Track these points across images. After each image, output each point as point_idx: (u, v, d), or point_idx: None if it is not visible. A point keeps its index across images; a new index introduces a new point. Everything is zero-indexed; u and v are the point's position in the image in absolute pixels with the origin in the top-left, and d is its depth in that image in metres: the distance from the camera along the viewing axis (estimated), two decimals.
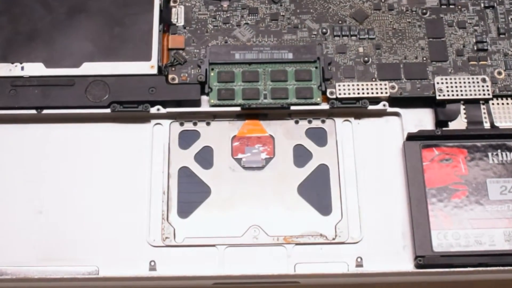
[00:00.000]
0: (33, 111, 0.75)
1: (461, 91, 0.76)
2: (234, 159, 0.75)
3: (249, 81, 0.77)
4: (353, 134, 0.76)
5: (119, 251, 0.71)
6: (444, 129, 0.75)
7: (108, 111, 0.75)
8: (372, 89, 0.76)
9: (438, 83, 0.77)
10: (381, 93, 0.76)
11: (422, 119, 0.76)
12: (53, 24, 0.79)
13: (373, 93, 0.76)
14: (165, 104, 0.76)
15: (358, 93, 0.76)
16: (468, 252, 0.69)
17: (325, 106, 0.76)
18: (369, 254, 0.71)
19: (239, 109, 0.76)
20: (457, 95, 0.76)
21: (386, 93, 0.76)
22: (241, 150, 0.75)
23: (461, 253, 0.69)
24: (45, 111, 0.75)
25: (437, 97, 0.76)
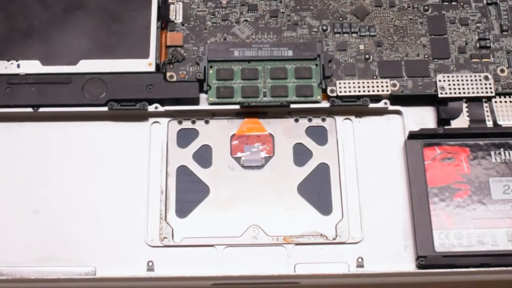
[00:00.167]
0: (29, 109, 0.75)
1: (464, 89, 0.76)
2: (233, 158, 0.75)
3: (249, 79, 0.77)
4: (353, 132, 0.75)
5: (116, 251, 0.71)
6: (446, 127, 0.75)
7: (105, 109, 0.75)
8: (373, 87, 0.76)
9: (440, 80, 0.76)
10: (382, 91, 0.76)
11: (423, 117, 0.76)
12: (49, 21, 0.79)
13: (374, 91, 0.76)
14: (163, 102, 0.76)
15: (359, 91, 0.76)
16: (470, 252, 0.68)
17: (325, 104, 0.76)
18: (370, 254, 0.71)
19: (238, 107, 0.76)
20: (459, 93, 0.76)
21: (387, 91, 0.76)
22: (240, 149, 0.75)
23: (464, 253, 0.68)
24: (42, 109, 0.75)
25: (439, 95, 0.76)
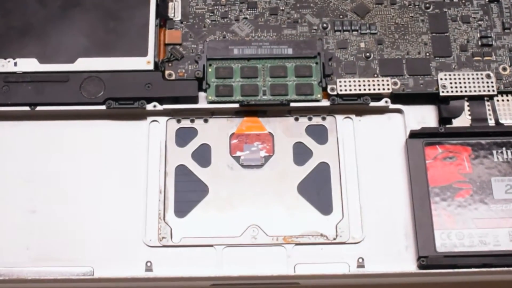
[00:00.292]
0: (26, 108, 0.75)
1: (465, 87, 0.76)
2: (232, 157, 0.74)
3: (248, 77, 0.76)
4: (354, 131, 0.75)
5: (114, 251, 0.70)
6: (447, 126, 0.75)
7: (103, 107, 0.75)
8: (373, 85, 0.76)
9: (441, 79, 0.76)
10: (383, 89, 0.76)
11: (425, 116, 0.76)
12: (47, 18, 0.78)
13: (374, 89, 0.76)
14: (161, 100, 0.75)
15: (359, 90, 0.76)
16: (472, 252, 0.68)
17: (325, 102, 0.76)
18: (370, 254, 0.70)
19: (237, 105, 0.76)
20: (461, 91, 0.76)
21: (388, 89, 0.76)
22: (239, 148, 0.75)
23: (465, 253, 0.68)
24: (39, 108, 0.75)
25: (441, 94, 0.76)
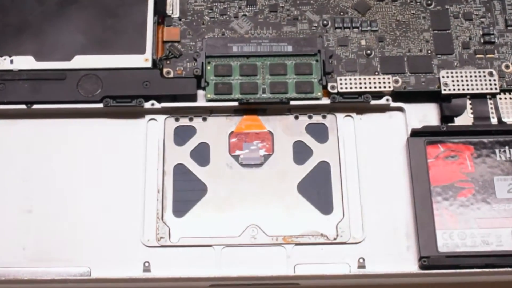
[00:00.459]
0: (23, 106, 0.75)
1: (467, 85, 0.75)
2: (231, 156, 0.74)
3: (247, 75, 0.76)
4: (355, 130, 0.75)
5: (112, 252, 0.70)
6: (449, 124, 0.75)
7: (100, 106, 0.75)
8: (374, 83, 0.76)
9: (443, 77, 0.76)
10: (384, 87, 0.76)
11: (426, 115, 0.76)
12: (43, 15, 0.78)
13: (375, 87, 0.76)
14: (159, 98, 0.75)
15: (360, 88, 0.75)
16: (474, 252, 0.68)
17: (326, 101, 0.76)
18: (371, 254, 0.70)
19: (236, 104, 0.75)
20: (463, 89, 0.75)
21: (389, 87, 0.76)
22: (238, 146, 0.74)
23: (467, 253, 0.68)
24: (35, 106, 0.75)
25: (443, 92, 0.75)
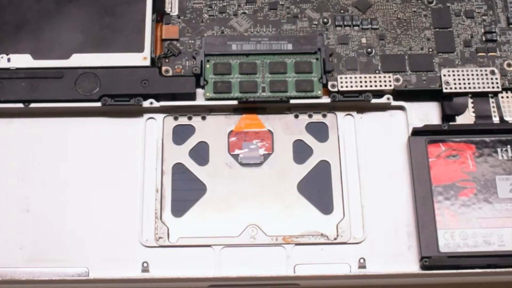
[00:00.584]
0: (20, 105, 0.75)
1: (469, 83, 0.75)
2: (230, 155, 0.74)
3: (247, 73, 0.76)
4: (355, 129, 0.75)
5: (110, 252, 0.70)
6: (451, 123, 0.74)
7: (98, 104, 0.75)
8: (375, 81, 0.75)
9: (444, 75, 0.76)
10: (385, 86, 0.75)
11: (428, 113, 0.76)
12: (41, 13, 0.78)
13: (376, 86, 0.75)
14: (158, 97, 0.75)
15: (360, 86, 0.75)
16: (476, 252, 0.68)
17: (326, 99, 0.75)
18: (372, 254, 0.70)
19: (236, 102, 0.75)
20: (465, 88, 0.75)
21: (390, 86, 0.75)
22: (238, 145, 0.74)
23: (469, 253, 0.68)
24: (33, 105, 0.75)
25: (444, 90, 0.75)
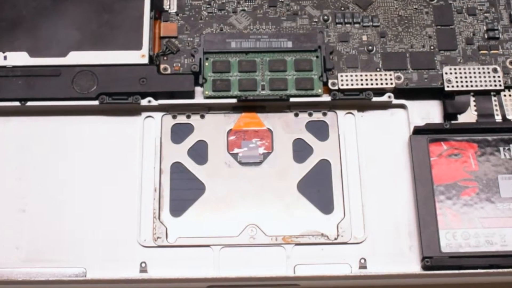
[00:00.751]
0: (17, 103, 0.74)
1: (471, 82, 0.75)
2: (230, 154, 0.74)
3: (246, 71, 0.76)
4: (356, 127, 0.75)
5: (108, 252, 0.70)
6: (452, 122, 0.74)
7: (96, 103, 0.74)
8: (376, 79, 0.75)
9: (446, 73, 0.75)
10: (386, 84, 0.75)
11: (429, 112, 0.75)
12: (38, 10, 0.78)
13: (377, 84, 0.75)
14: (156, 95, 0.75)
15: (361, 84, 0.75)
16: (478, 253, 0.68)
17: (326, 97, 0.75)
18: (373, 255, 0.70)
19: (235, 101, 0.75)
20: (467, 86, 0.75)
21: (391, 84, 0.75)
22: (237, 144, 0.74)
23: (471, 254, 0.68)
24: (29, 103, 0.74)
25: (446, 88, 0.75)
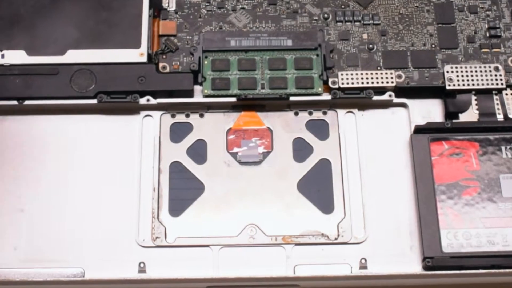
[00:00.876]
0: (14, 102, 0.74)
1: (473, 80, 0.75)
2: (229, 154, 0.73)
3: (246, 70, 0.76)
4: (356, 126, 0.75)
5: (106, 252, 0.70)
6: (454, 121, 0.74)
7: (94, 102, 0.74)
8: (377, 78, 0.75)
9: (447, 72, 0.75)
10: (387, 82, 0.75)
11: (430, 111, 0.75)
12: (35, 8, 0.78)
13: (378, 82, 0.75)
14: (155, 94, 0.75)
15: (362, 83, 0.75)
16: (479, 253, 0.68)
17: (326, 96, 0.75)
18: (374, 255, 0.70)
19: (234, 99, 0.75)
20: (468, 84, 0.75)
21: (392, 82, 0.75)
22: (236, 143, 0.74)
23: (472, 254, 0.68)
24: (27, 102, 0.74)
25: (447, 87, 0.75)
